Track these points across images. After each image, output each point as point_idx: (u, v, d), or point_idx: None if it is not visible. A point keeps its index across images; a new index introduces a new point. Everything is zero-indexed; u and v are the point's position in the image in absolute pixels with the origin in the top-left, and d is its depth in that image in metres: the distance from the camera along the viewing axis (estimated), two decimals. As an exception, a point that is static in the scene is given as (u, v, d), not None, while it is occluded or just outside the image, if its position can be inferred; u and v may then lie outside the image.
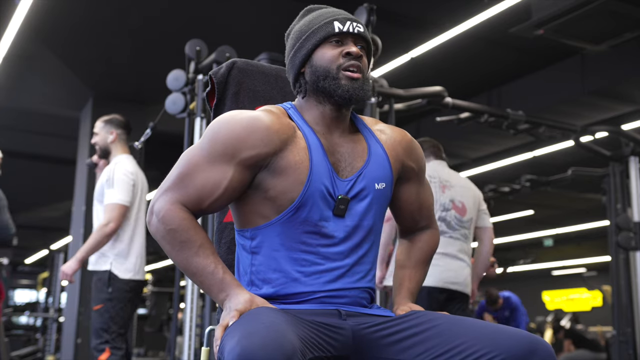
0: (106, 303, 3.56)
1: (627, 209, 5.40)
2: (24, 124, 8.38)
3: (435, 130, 6.96)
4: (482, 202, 3.56)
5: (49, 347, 8.56)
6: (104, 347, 3.52)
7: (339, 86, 1.45)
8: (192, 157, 1.44)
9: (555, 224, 13.00)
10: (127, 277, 3.62)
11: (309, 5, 1.58)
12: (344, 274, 1.45)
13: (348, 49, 1.47)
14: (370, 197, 1.49)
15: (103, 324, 3.55)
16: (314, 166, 1.43)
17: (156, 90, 4.77)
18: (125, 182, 3.63)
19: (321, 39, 1.48)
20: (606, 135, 5.63)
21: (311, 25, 1.51)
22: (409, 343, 1.37)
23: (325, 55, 1.47)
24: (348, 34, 1.48)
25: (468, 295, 3.41)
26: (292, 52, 1.53)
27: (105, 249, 3.64)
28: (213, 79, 1.69)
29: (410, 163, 1.60)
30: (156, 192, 1.45)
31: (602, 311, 13.45)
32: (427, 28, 5.77)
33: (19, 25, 5.51)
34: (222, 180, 1.41)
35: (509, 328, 1.35)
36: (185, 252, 1.39)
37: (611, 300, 5.73)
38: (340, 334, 1.37)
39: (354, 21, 1.50)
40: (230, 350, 1.17)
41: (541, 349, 1.29)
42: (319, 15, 1.53)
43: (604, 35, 4.84)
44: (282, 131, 1.44)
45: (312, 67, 1.48)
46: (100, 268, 3.64)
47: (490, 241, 3.54)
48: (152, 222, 1.42)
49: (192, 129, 4.20)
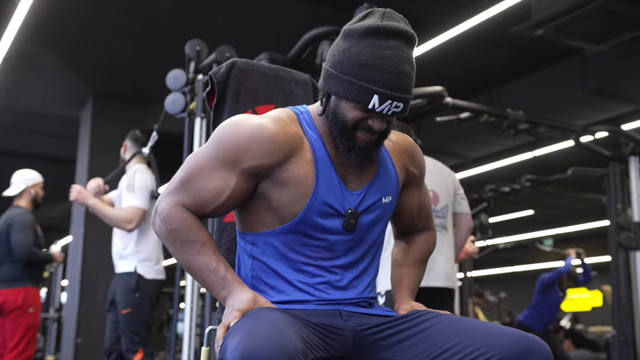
0: (135, 307, 3.69)
1: (627, 208, 5.40)
2: (24, 124, 8.37)
3: (435, 130, 6.97)
4: (459, 187, 3.38)
5: (49, 347, 8.55)
6: (137, 348, 3.67)
7: (350, 149, 1.40)
8: (195, 162, 1.43)
9: (555, 224, 13.00)
10: (155, 277, 3.82)
11: (382, 23, 1.35)
12: (344, 287, 1.45)
13: (372, 124, 1.37)
14: (378, 212, 1.48)
15: (134, 326, 3.67)
16: (321, 180, 1.41)
17: (156, 90, 4.77)
18: (145, 189, 3.87)
19: (353, 100, 1.36)
20: (606, 135, 5.63)
21: (357, 73, 1.34)
22: (409, 344, 1.37)
23: (349, 112, 1.37)
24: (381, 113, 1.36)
25: (449, 289, 3.22)
26: (330, 71, 1.40)
27: (130, 253, 3.82)
28: (213, 79, 1.68)
29: (414, 170, 1.59)
30: (161, 194, 1.46)
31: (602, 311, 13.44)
32: (427, 28, 5.76)
33: (19, 25, 5.52)
34: (224, 188, 1.40)
35: (507, 328, 1.35)
36: (187, 251, 1.40)
37: (611, 300, 5.73)
38: (341, 335, 1.37)
39: (396, 99, 1.34)
40: (233, 350, 1.17)
41: (538, 348, 1.29)
42: (373, 64, 1.33)
43: (604, 35, 4.84)
44: (287, 143, 1.40)
45: (336, 108, 1.39)
46: (126, 270, 3.77)
47: (468, 228, 3.37)
48: (156, 223, 1.44)
49: (192, 129, 4.20)
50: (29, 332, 4.55)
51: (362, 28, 1.36)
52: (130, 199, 3.83)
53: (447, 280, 3.18)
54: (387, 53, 1.33)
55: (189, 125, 4.23)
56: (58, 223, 11.60)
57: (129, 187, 3.87)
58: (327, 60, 1.43)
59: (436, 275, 3.14)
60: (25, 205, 4.64)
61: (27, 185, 4.67)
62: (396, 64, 1.34)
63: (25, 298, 4.51)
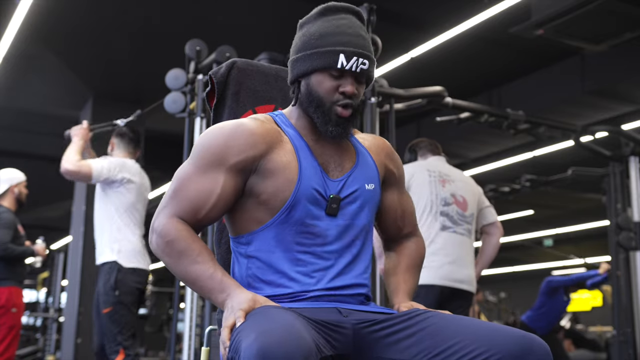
0: (115, 306, 3.64)
1: (627, 208, 5.40)
2: (24, 124, 8.37)
3: (435, 130, 6.96)
4: (484, 199, 3.49)
5: (49, 347, 8.55)
6: (118, 349, 3.60)
7: (327, 121, 1.47)
8: (183, 172, 1.47)
9: (555, 224, 12.99)
10: (137, 266, 3.74)
11: (331, 3, 1.52)
12: (340, 272, 1.47)
13: (345, 87, 1.46)
14: (361, 197, 1.52)
15: (116, 325, 3.64)
16: (303, 166, 1.46)
17: (156, 90, 4.77)
18: (109, 164, 3.79)
19: (322, 67, 1.46)
20: (606, 135, 5.63)
21: (319, 43, 1.47)
22: (408, 343, 1.37)
23: (322, 85, 1.47)
24: (350, 70, 1.46)
25: (472, 292, 3.34)
26: (294, 57, 1.52)
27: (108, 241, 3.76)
28: (213, 79, 1.69)
29: (392, 167, 1.64)
30: (155, 212, 1.48)
31: (602, 311, 13.44)
32: (427, 28, 5.76)
33: (19, 25, 5.52)
34: (214, 188, 1.43)
35: (506, 327, 1.35)
36: (183, 261, 1.41)
37: (611, 300, 5.73)
38: (341, 332, 1.38)
39: (361, 55, 1.45)
40: (247, 347, 1.16)
41: (537, 347, 1.29)
42: (332, 32, 1.47)
43: (604, 35, 4.84)
44: (267, 134, 1.47)
45: (308, 87, 1.49)
46: (105, 260, 3.74)
47: (499, 236, 3.45)
48: (153, 240, 1.45)
49: (192, 129, 4.20)
50: (11, 332, 4.49)
51: (314, 13, 1.52)
52: (93, 160, 3.81)
53: (471, 284, 3.30)
54: (342, 22, 1.48)
55: (189, 125, 4.23)
56: (58, 223, 11.61)
57: (104, 156, 3.89)
58: (290, 55, 1.54)
59: (463, 278, 3.26)
60: (8, 204, 4.60)
61: (10, 185, 4.63)
62: (352, 29, 1.48)
63: (8, 297, 4.46)
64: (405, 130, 7.72)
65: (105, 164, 3.76)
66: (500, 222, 3.51)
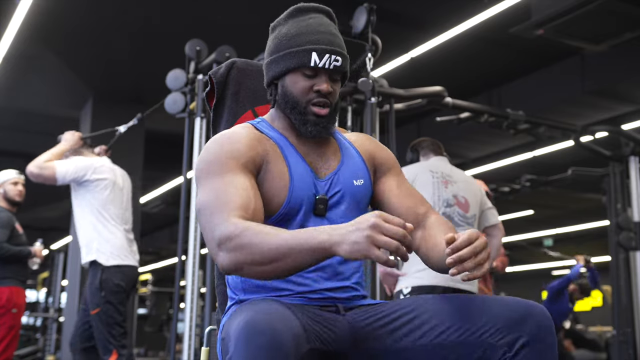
0: (103, 306, 3.62)
1: (627, 208, 5.40)
2: (24, 124, 8.37)
3: (435, 130, 6.95)
4: (486, 200, 3.45)
5: (49, 347, 8.56)
6: (111, 349, 3.60)
7: (305, 122, 1.48)
8: (206, 192, 1.38)
9: (555, 224, 12.99)
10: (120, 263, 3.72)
11: (300, 4, 1.54)
12: (332, 274, 1.46)
13: (319, 85, 1.46)
14: (349, 195, 1.51)
15: (105, 326, 3.63)
16: (293, 171, 1.46)
17: (156, 90, 4.77)
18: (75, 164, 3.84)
19: (295, 66, 1.46)
20: (606, 135, 5.63)
21: (291, 43, 1.47)
22: (405, 330, 1.36)
23: (296, 85, 1.47)
24: (323, 68, 1.46)
25: (474, 293, 3.30)
26: (268, 60, 1.53)
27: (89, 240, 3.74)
28: (212, 79, 1.69)
29: (382, 156, 1.61)
30: (209, 247, 1.33)
31: (602, 311, 13.44)
32: (427, 28, 5.76)
33: (19, 25, 5.51)
34: (243, 182, 1.39)
35: (503, 297, 1.35)
36: (262, 242, 1.24)
37: (611, 300, 5.73)
38: (337, 327, 1.38)
39: (333, 52, 1.46)
40: (237, 324, 1.18)
41: (536, 311, 1.29)
42: (303, 31, 1.48)
43: (604, 35, 4.84)
44: (259, 139, 1.48)
45: (283, 88, 1.49)
46: (88, 259, 3.72)
47: (501, 237, 3.44)
48: (220, 255, 1.28)
49: (192, 129, 4.20)
50: (10, 332, 4.48)
51: (284, 15, 1.54)
52: (58, 162, 3.83)
53: (473, 284, 3.28)
54: (312, 21, 1.49)
55: (189, 125, 4.23)
56: (58, 223, 11.60)
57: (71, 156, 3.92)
58: (264, 60, 1.55)
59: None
60: (2, 204, 4.61)
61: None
62: (323, 27, 1.49)
63: (9, 297, 4.45)
64: (405, 130, 7.71)
65: (71, 165, 3.79)
66: (502, 224, 3.50)
